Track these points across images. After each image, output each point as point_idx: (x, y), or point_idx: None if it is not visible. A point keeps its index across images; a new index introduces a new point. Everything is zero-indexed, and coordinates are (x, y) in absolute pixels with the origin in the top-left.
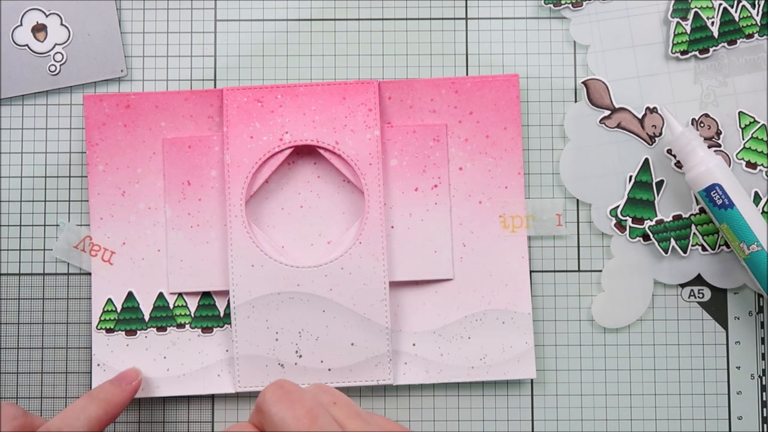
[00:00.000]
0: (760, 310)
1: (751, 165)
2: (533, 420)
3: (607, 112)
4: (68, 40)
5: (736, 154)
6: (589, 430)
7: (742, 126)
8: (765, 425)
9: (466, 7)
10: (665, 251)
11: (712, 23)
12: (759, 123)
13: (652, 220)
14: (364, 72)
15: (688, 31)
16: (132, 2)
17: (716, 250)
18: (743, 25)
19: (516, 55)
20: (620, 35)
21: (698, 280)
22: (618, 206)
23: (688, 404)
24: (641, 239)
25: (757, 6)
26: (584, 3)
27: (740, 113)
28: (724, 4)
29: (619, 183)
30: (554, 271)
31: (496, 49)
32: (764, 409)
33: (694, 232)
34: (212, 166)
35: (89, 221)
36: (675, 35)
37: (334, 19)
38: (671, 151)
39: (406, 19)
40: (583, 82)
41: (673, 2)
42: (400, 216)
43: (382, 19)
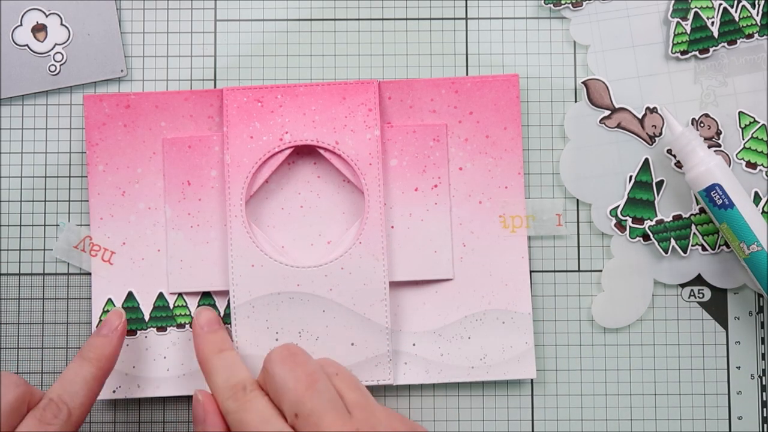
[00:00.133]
0: (760, 310)
1: (751, 165)
2: (533, 420)
3: (607, 112)
4: (68, 40)
5: (736, 154)
6: (589, 430)
7: (742, 126)
8: (765, 425)
9: (466, 7)
10: (665, 251)
11: (712, 23)
12: (759, 123)
13: (652, 220)
14: (364, 72)
15: (688, 31)
16: (132, 2)
17: (716, 250)
18: (743, 25)
19: (516, 55)
20: (620, 35)
21: (698, 280)
22: (618, 206)
23: (688, 404)
24: (641, 239)
25: (757, 6)
26: (584, 3)
27: (740, 113)
28: (724, 4)
29: (619, 183)
30: (554, 271)
31: (496, 49)
32: (764, 409)
33: (694, 232)
34: (212, 166)
35: (89, 221)
36: (675, 35)
37: (334, 19)
38: (671, 151)
39: (406, 19)
40: (583, 82)
41: (673, 2)
42: (400, 216)
43: (382, 19)
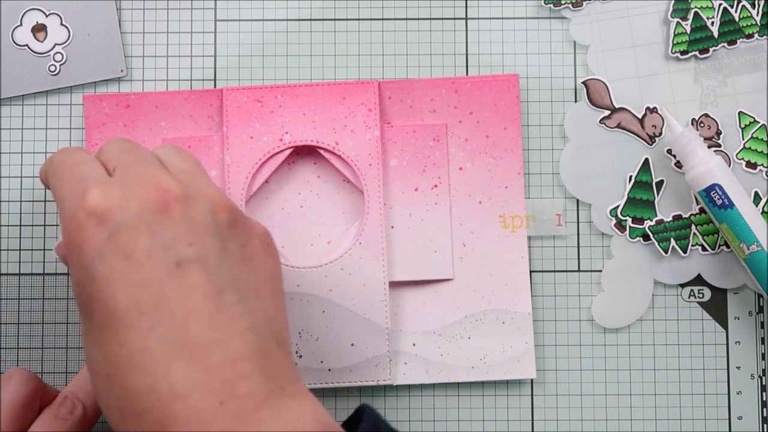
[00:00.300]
0: (760, 310)
1: (751, 165)
2: (533, 420)
3: (607, 112)
4: (68, 40)
5: (736, 154)
6: (589, 430)
7: (742, 126)
8: (765, 425)
9: (466, 7)
10: (665, 251)
11: (712, 23)
12: (759, 123)
13: (652, 220)
14: (364, 72)
15: (688, 31)
16: (132, 2)
17: (716, 250)
18: (743, 25)
19: (516, 55)
20: (620, 35)
21: (698, 280)
22: (618, 206)
23: (688, 404)
24: (641, 239)
25: (757, 6)
26: (584, 3)
27: (740, 113)
28: (724, 4)
29: (619, 183)
30: (554, 271)
31: (496, 49)
32: (764, 409)
33: (694, 232)
34: (212, 166)
35: None
36: (675, 35)
37: (334, 19)
38: (671, 151)
39: (406, 19)
40: (583, 82)
41: (673, 2)
42: (400, 216)
43: (382, 19)
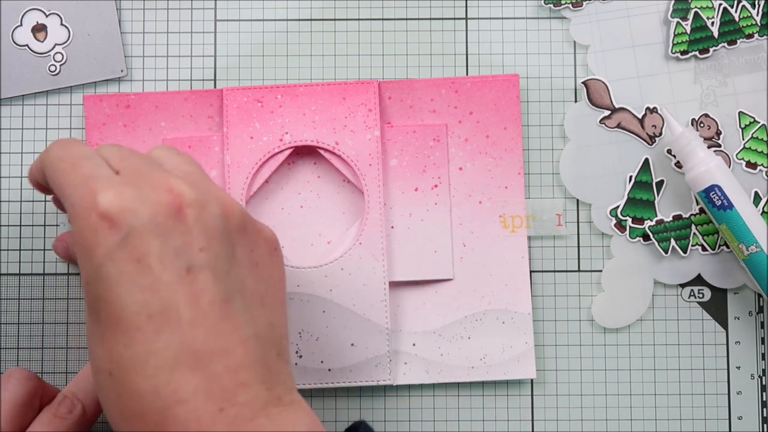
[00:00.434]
0: (760, 310)
1: (751, 165)
2: (533, 420)
3: (607, 112)
4: (68, 40)
5: (736, 154)
6: (589, 430)
7: (742, 126)
8: (765, 425)
9: (466, 7)
10: (665, 251)
11: (712, 23)
12: (759, 123)
13: (652, 220)
14: (364, 72)
15: (688, 31)
16: (132, 2)
17: (716, 250)
18: (743, 25)
19: (516, 55)
20: (620, 35)
21: (698, 280)
22: (618, 206)
23: (688, 404)
24: (641, 239)
25: (757, 6)
26: (584, 3)
27: (740, 113)
28: (724, 4)
29: (619, 183)
30: (554, 271)
31: (496, 49)
32: (764, 409)
33: (694, 232)
34: (212, 167)
35: None
36: (675, 35)
37: (334, 19)
38: (671, 151)
39: (406, 19)
40: (583, 82)
41: (673, 2)
42: (400, 216)
43: (382, 19)
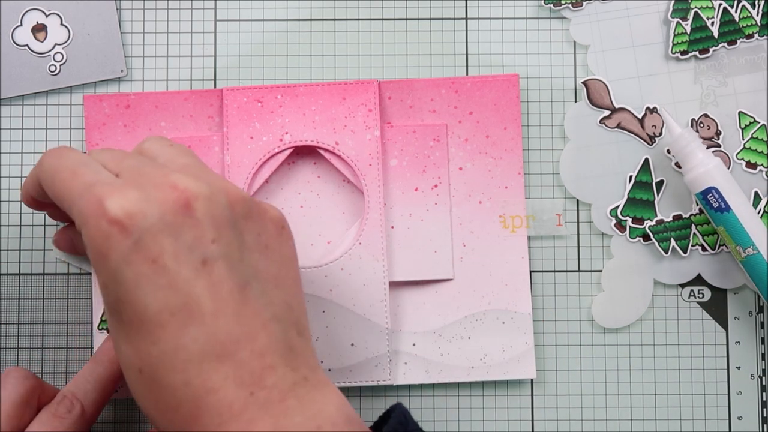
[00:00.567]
0: (760, 310)
1: (751, 165)
2: (533, 420)
3: (607, 112)
4: (68, 40)
5: (736, 155)
6: (589, 430)
7: (742, 126)
8: (765, 425)
9: (466, 7)
10: (665, 251)
11: (712, 23)
12: (759, 123)
13: (652, 220)
14: (364, 72)
15: (688, 31)
16: (132, 2)
17: (716, 251)
18: (743, 25)
19: (516, 55)
20: (620, 35)
21: (698, 280)
22: (618, 206)
23: (688, 404)
24: (641, 239)
25: (757, 6)
26: (584, 3)
27: (740, 113)
28: (724, 4)
29: (619, 183)
30: (554, 271)
31: (496, 49)
32: (764, 409)
33: (694, 232)
34: (212, 167)
35: None
36: (675, 35)
37: (334, 19)
38: (671, 152)
39: (406, 19)
40: (583, 82)
41: (673, 2)
42: (400, 216)
43: (382, 19)
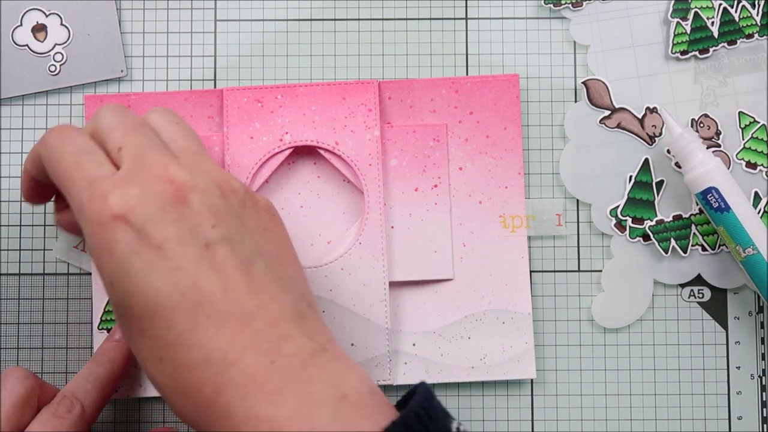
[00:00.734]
0: (760, 310)
1: (751, 165)
2: (533, 420)
3: (607, 112)
4: (68, 40)
5: (736, 155)
6: (589, 430)
7: (742, 126)
8: (765, 425)
9: (466, 7)
10: (665, 251)
11: (712, 23)
12: (759, 123)
13: (652, 220)
14: (364, 72)
15: (688, 31)
16: (132, 2)
17: (716, 250)
18: (743, 25)
19: (516, 55)
20: (620, 35)
21: (698, 280)
22: (618, 206)
23: (688, 404)
24: (641, 239)
25: (757, 6)
26: (584, 3)
27: (740, 113)
28: (724, 4)
29: (619, 183)
30: (554, 271)
31: (496, 49)
32: (764, 409)
33: (694, 232)
34: None
35: None
36: (675, 35)
37: (334, 19)
38: (671, 151)
39: (406, 19)
40: (583, 82)
41: (673, 2)
42: (400, 216)
43: (382, 19)
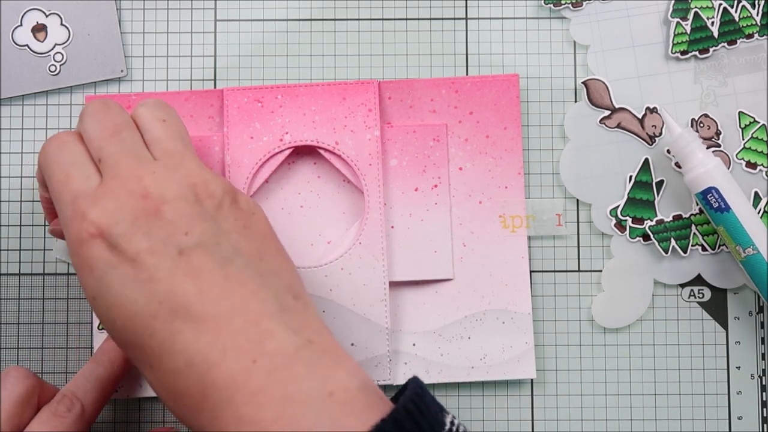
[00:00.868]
0: (760, 310)
1: (751, 165)
2: (533, 420)
3: (607, 112)
4: (68, 40)
5: (736, 155)
6: (589, 430)
7: (742, 126)
8: (765, 425)
9: (466, 7)
10: (665, 251)
11: (712, 23)
12: (759, 123)
13: (652, 220)
14: (364, 72)
15: (688, 31)
16: (132, 2)
17: (716, 250)
18: (743, 25)
19: (516, 55)
20: (620, 35)
21: (698, 280)
22: (618, 206)
23: (688, 404)
24: (641, 239)
25: (757, 6)
26: (584, 3)
27: (740, 113)
28: (724, 4)
29: (619, 183)
30: (554, 271)
31: (496, 49)
32: (764, 409)
33: (694, 232)
34: (212, 167)
35: None
36: (675, 35)
37: (334, 19)
38: (671, 151)
39: (406, 19)
40: (583, 82)
41: (673, 2)
42: (400, 216)
43: (382, 19)
